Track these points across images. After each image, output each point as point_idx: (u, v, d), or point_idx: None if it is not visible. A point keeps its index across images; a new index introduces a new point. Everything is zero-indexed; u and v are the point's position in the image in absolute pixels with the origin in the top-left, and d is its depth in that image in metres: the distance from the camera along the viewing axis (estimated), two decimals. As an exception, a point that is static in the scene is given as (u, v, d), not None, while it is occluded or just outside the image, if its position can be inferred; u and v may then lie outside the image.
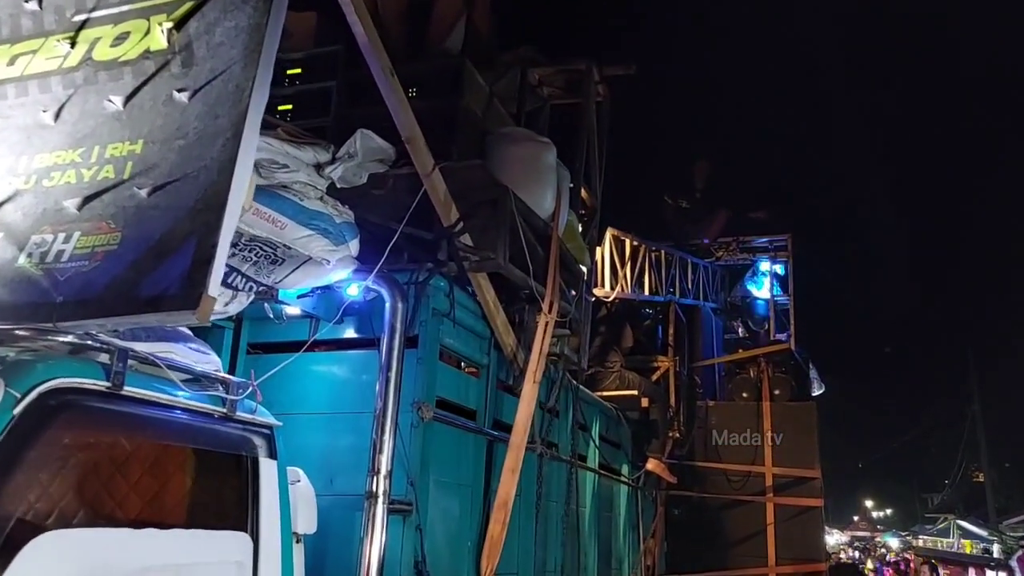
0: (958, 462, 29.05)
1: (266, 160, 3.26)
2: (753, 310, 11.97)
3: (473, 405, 4.00)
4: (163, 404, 2.38)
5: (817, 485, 8.74)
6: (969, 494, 29.28)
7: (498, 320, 3.96)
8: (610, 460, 6.77)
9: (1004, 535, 20.29)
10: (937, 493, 33.42)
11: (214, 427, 2.60)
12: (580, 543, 5.75)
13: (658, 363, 8.58)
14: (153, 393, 2.35)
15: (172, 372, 2.44)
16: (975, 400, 27.60)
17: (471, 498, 3.89)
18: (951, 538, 23.39)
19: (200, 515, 2.51)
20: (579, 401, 5.58)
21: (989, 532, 21.54)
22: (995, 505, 25.34)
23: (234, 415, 2.63)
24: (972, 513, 25.44)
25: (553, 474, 5.09)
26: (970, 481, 29.45)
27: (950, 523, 24.18)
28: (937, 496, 33.21)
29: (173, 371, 2.45)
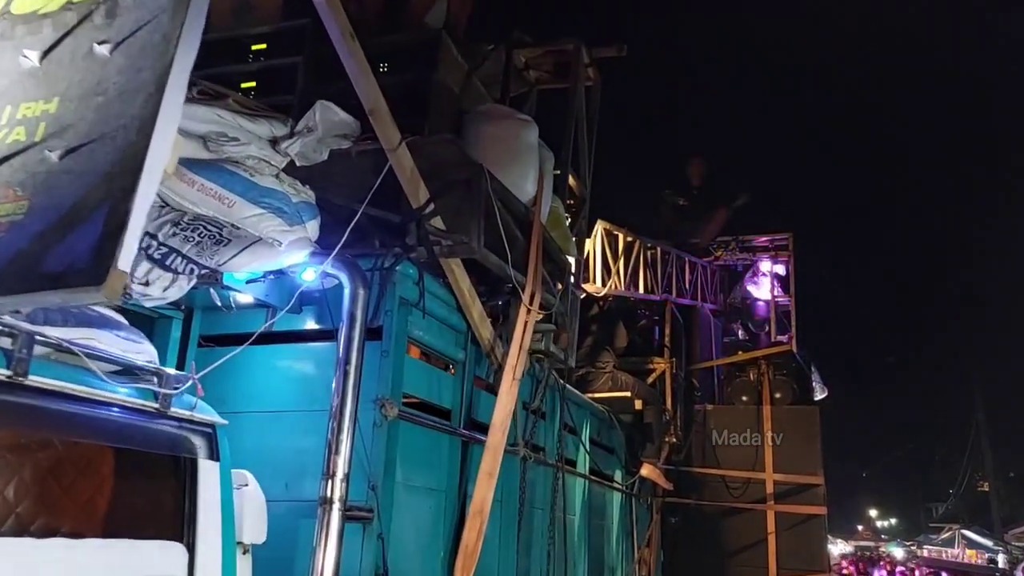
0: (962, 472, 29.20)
1: (215, 133, 3.00)
2: (753, 312, 11.66)
3: (447, 404, 3.73)
4: (78, 397, 2.12)
5: (820, 492, 8.45)
6: (974, 504, 29.34)
7: (475, 312, 3.70)
8: (602, 465, 6.49)
9: (1009, 545, 20.43)
10: (941, 503, 33.52)
11: (143, 424, 2.33)
12: (568, 552, 5.47)
13: (654, 365, 8.30)
14: (66, 384, 2.09)
15: (94, 362, 2.18)
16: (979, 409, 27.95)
17: (444, 504, 3.61)
18: (956, 548, 23.38)
19: (124, 523, 2.25)
20: (567, 402, 5.30)
21: (994, 542, 21.54)
22: (1000, 515, 25.50)
23: (168, 411, 2.36)
24: (977, 523, 25.46)
25: (538, 479, 4.82)
26: (975, 491, 29.54)
27: (955, 533, 24.20)
28: (941, 506, 33.29)
29: (95, 360, 2.19)
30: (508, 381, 3.69)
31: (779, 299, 11.38)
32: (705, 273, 10.69)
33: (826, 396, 11.38)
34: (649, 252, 8.33)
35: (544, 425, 5.08)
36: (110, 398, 2.18)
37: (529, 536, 4.57)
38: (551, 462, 4.89)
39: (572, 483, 5.69)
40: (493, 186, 3.41)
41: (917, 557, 22.67)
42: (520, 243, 3.80)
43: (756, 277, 11.71)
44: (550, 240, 4.17)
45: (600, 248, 6.50)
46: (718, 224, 11.23)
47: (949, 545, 24.58)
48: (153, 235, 2.75)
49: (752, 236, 11.43)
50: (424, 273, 3.37)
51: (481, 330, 3.77)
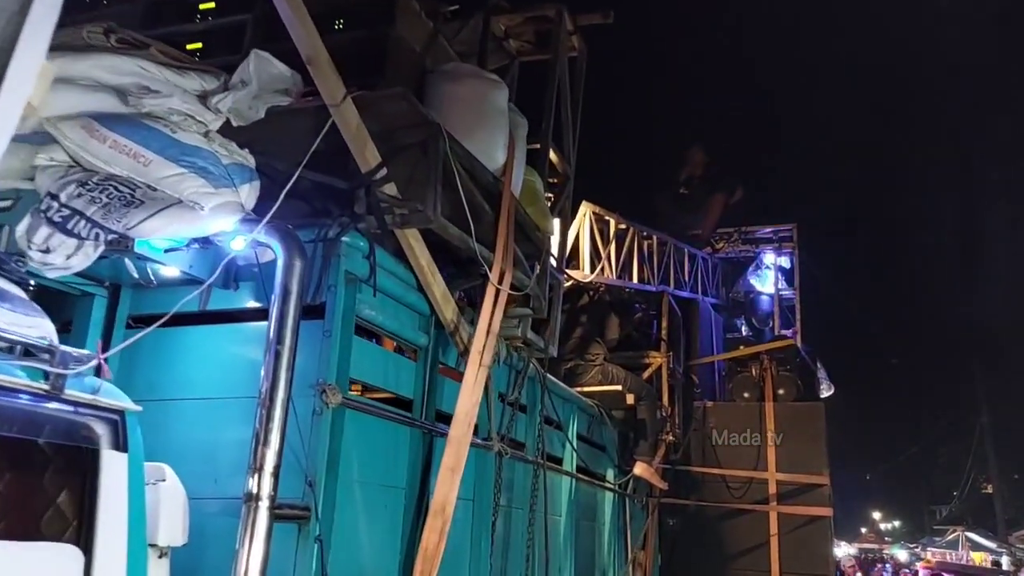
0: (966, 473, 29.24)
1: (134, 86, 2.69)
2: (756, 306, 11.32)
3: (407, 393, 3.41)
4: (-57, 376, 1.82)
5: (825, 492, 8.09)
6: (978, 506, 29.47)
7: (437, 291, 3.37)
8: (592, 464, 6.17)
9: (1013, 547, 20.42)
10: (945, 505, 33.62)
11: (31, 408, 2.03)
12: (552, 554, 5.14)
13: (650, 359, 7.96)
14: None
15: (-34, 335, 1.88)
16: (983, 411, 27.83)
17: (403, 503, 3.29)
18: (960, 550, 23.38)
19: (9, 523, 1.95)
20: (550, 395, 4.97)
21: (998, 544, 21.61)
22: (1004, 517, 25.66)
23: (62, 394, 2.05)
24: (981, 525, 25.53)
25: (517, 477, 4.50)
26: (979, 493, 29.67)
27: (959, 535, 24.22)
28: (945, 508, 33.38)
29: (-34, 333, 1.89)
30: (474, 367, 3.37)
31: (783, 292, 11.04)
32: (706, 266, 10.36)
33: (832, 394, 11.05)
34: (645, 241, 8.00)
35: (524, 419, 4.77)
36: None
37: (506, 538, 4.25)
38: (531, 458, 4.57)
39: (557, 482, 5.36)
40: (454, 149, 3.09)
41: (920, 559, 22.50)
42: (488, 217, 3.48)
43: (759, 270, 11.37)
44: (524, 216, 3.85)
45: (589, 233, 6.17)
46: (716, 212, 10.90)
47: (953, 547, 24.42)
48: (55, 196, 2.44)
49: (755, 227, 11.09)
50: (376, 247, 3.06)
51: (445, 312, 3.45)
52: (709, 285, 10.42)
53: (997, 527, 24.62)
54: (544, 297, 4.14)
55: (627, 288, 7.56)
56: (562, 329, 6.40)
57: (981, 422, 27.96)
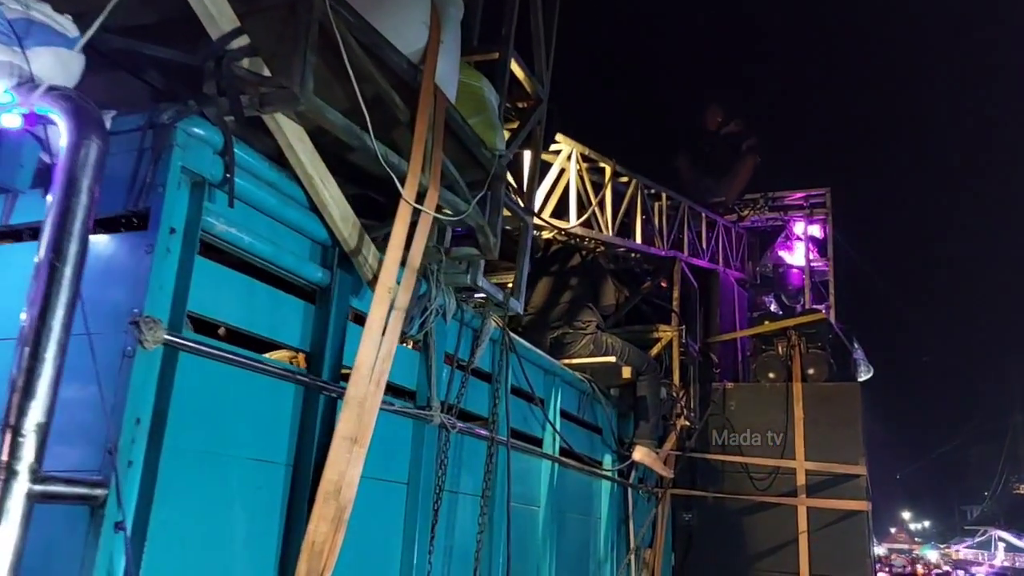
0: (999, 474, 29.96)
1: None
2: (786, 281, 10.40)
3: (296, 342, 2.68)
4: None
5: (862, 484, 7.22)
6: (1010, 506, 30.06)
7: (334, 213, 2.64)
8: (583, 447, 5.40)
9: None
10: (977, 505, 34.22)
11: None
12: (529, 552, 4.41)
13: (659, 334, 7.15)
14: None
15: None
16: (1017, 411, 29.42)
17: (284, 483, 2.57)
18: (992, 550, 23.53)
19: None
20: (520, 362, 4.23)
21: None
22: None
23: None
24: (1014, 525, 25.78)
25: (477, 458, 3.77)
26: (1011, 493, 30.20)
27: (991, 535, 24.37)
28: (977, 508, 33.96)
29: None
30: (380, 306, 2.63)
31: (815, 265, 10.12)
32: (728, 235, 9.49)
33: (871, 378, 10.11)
34: (653, 201, 7.17)
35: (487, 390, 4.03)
36: None
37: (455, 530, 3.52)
38: (489, 435, 3.82)
39: (535, 466, 4.62)
40: (341, 14, 2.35)
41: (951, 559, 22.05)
42: (406, 117, 2.73)
43: (789, 241, 10.46)
44: (462, 125, 3.10)
45: (576, 179, 5.37)
46: (744, 178, 10.00)
47: (985, 548, 24.33)
48: None
49: (784, 192, 10.17)
50: (240, 144, 2.34)
51: (348, 240, 2.71)
52: (732, 256, 9.55)
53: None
54: (495, 235, 3.39)
55: (631, 251, 6.75)
56: (549, 293, 5.65)
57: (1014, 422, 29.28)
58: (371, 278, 2.82)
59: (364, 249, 2.77)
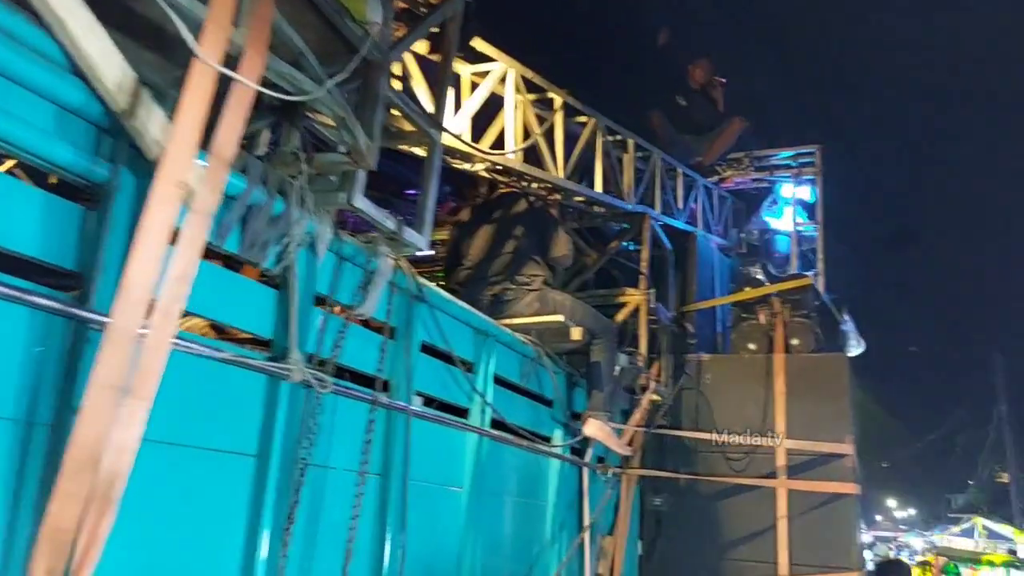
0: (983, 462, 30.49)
1: None
2: (772, 247, 9.67)
3: (53, 257, 1.96)
4: None
5: (849, 465, 6.52)
6: (993, 494, 30.69)
7: (105, 76, 1.92)
8: (527, 421, 4.70)
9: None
10: (961, 493, 34.54)
11: None
12: (445, 540, 3.72)
13: (625, 298, 6.44)
14: None
15: None
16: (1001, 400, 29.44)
17: (30, 450, 1.86)
18: (975, 538, 23.59)
19: None
20: (432, 313, 3.51)
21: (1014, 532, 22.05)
22: (1020, 506, 27.17)
23: None
24: (996, 514, 26.13)
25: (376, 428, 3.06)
26: (994, 481, 30.76)
27: (975, 523, 24.50)
28: (961, 496, 34.28)
29: None
30: (162, 202, 1.90)
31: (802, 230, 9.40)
32: (708, 197, 8.75)
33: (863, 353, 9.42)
34: (619, 150, 6.44)
35: (392, 347, 3.33)
36: None
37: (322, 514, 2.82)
38: (385, 401, 3.11)
39: (456, 441, 3.92)
40: None
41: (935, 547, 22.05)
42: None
43: (775, 205, 9.72)
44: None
45: (518, 110, 4.62)
46: (728, 139, 9.23)
47: (968, 536, 24.29)
48: None
49: (770, 151, 9.43)
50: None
51: (131, 117, 1.98)
52: (714, 220, 8.82)
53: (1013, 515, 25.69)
54: (372, 137, 2.65)
55: (592, 202, 6.01)
56: (489, 243, 4.93)
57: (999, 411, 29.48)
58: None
59: (157, 132, 2.04)
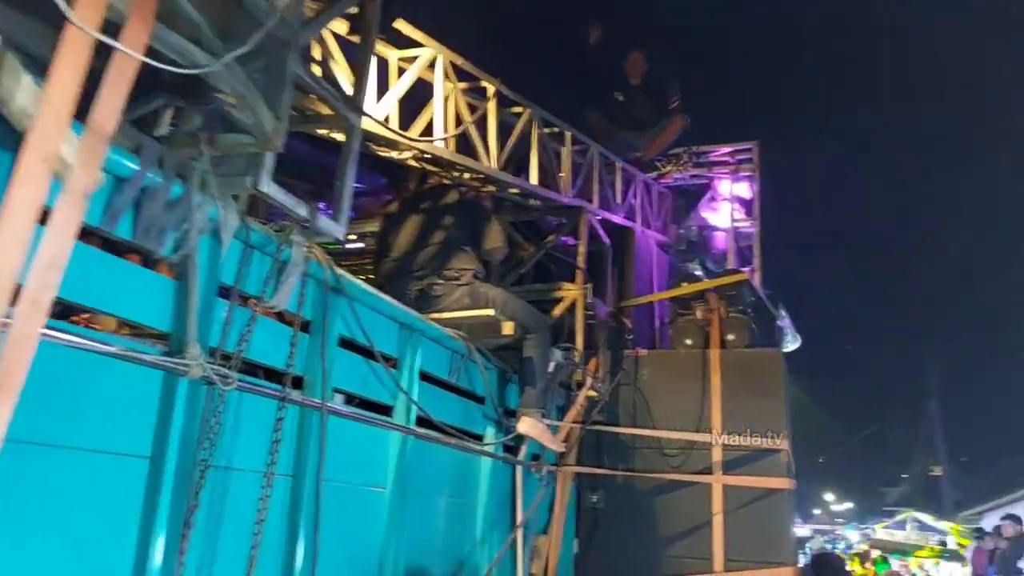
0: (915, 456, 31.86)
1: None
2: (710, 244, 9.74)
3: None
4: None
5: (783, 460, 6.56)
6: (926, 488, 31.89)
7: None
8: (457, 419, 4.59)
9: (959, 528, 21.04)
10: (895, 487, 35.85)
11: None
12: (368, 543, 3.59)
13: (562, 293, 6.37)
14: None
15: None
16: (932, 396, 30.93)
17: None
18: (907, 530, 24.36)
19: None
20: (352, 306, 3.37)
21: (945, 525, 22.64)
22: (951, 498, 28.07)
23: None
24: (929, 507, 27.18)
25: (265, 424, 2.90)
26: (926, 475, 32.00)
27: (907, 516, 25.31)
28: (895, 490, 35.52)
29: None
30: (28, 178, 1.73)
31: (740, 226, 9.49)
32: (649, 193, 8.76)
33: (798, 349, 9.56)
34: (556, 143, 6.37)
35: (307, 341, 3.18)
36: None
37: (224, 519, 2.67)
38: (296, 398, 2.97)
39: (379, 440, 3.78)
40: None
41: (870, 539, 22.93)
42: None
43: (714, 201, 9.79)
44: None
45: (449, 97, 4.49)
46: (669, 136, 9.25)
47: (901, 528, 25.04)
48: None
49: (709, 147, 9.48)
50: None
51: None
52: (653, 216, 8.82)
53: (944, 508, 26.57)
54: (280, 119, 2.51)
55: (527, 195, 5.92)
56: (417, 234, 4.80)
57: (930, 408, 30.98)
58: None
59: (26, 102, 1.86)
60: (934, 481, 31.38)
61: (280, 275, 2.92)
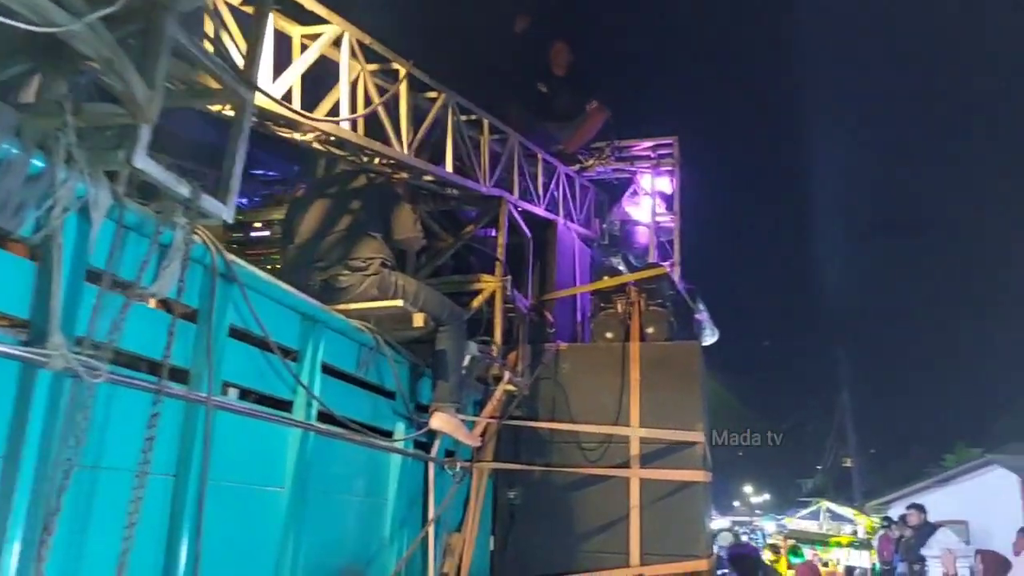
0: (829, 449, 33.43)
1: None
2: (632, 239, 9.80)
3: None
4: None
5: (699, 452, 6.61)
6: (839, 478, 33.67)
7: None
8: (365, 415, 4.44)
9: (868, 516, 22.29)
10: (810, 478, 37.72)
11: None
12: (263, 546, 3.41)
13: (480, 285, 6.26)
14: None
15: None
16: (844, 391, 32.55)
17: None
18: (820, 520, 25.40)
19: None
20: (243, 292, 3.18)
21: (855, 514, 23.77)
22: (861, 488, 29.27)
23: None
24: (841, 496, 28.86)
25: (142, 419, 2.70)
26: (840, 467, 33.68)
27: (821, 506, 26.26)
28: (810, 481, 37.39)
29: None
30: None
31: (661, 220, 9.56)
32: (572, 186, 8.73)
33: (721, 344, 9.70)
34: (475, 131, 6.26)
35: (192, 331, 2.99)
36: None
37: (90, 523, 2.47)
38: (176, 391, 2.77)
39: (276, 437, 3.60)
40: None
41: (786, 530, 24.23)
42: None
43: (636, 196, 9.85)
44: None
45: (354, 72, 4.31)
46: (591, 129, 9.26)
47: (814, 518, 25.88)
48: None
49: (632, 141, 9.52)
50: None
51: None
52: (576, 210, 8.80)
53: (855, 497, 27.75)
54: (153, 87, 2.32)
55: (444, 183, 5.78)
56: (321, 220, 4.62)
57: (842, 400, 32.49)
58: None
59: None
60: (846, 472, 32.81)
61: (159, 259, 2.72)
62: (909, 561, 12.43)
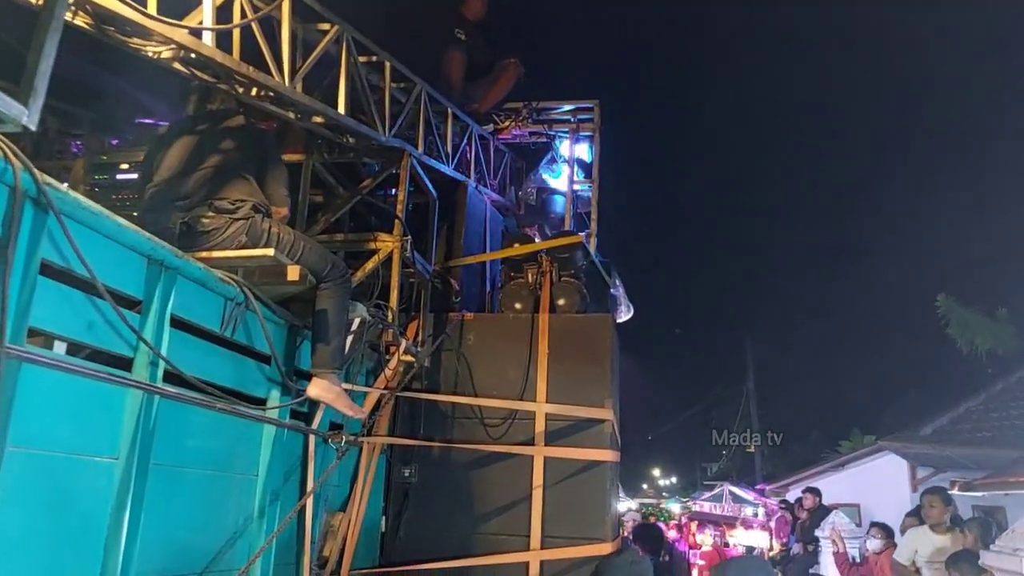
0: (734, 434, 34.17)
1: None
2: (550, 207, 9.48)
3: None
4: None
5: (607, 431, 6.34)
6: (741, 463, 35.34)
7: None
8: (229, 379, 3.96)
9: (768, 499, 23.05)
10: (715, 463, 39.38)
11: None
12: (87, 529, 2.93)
13: (377, 244, 5.81)
14: None
15: None
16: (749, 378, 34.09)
17: None
18: (723, 502, 26.25)
19: None
20: (61, 225, 2.67)
21: (754, 496, 24.61)
22: (763, 472, 30.32)
23: None
24: (744, 480, 29.82)
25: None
26: (743, 452, 34.81)
27: (723, 489, 27.24)
28: (715, 465, 39.00)
29: None
30: None
31: (579, 190, 9.27)
32: (486, 148, 8.33)
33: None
34: (375, 73, 5.77)
35: None
36: None
37: None
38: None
39: (112, 398, 3.10)
40: None
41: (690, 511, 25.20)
42: None
43: (555, 163, 9.52)
44: None
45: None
46: (504, 87, 8.85)
47: (718, 500, 26.83)
48: None
49: (551, 103, 9.16)
50: None
51: None
52: (488, 174, 8.40)
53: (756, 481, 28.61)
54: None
55: (335, 125, 5.26)
56: (187, 157, 4.09)
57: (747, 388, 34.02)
58: None
59: None
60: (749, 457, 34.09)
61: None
62: (804, 542, 12.68)
